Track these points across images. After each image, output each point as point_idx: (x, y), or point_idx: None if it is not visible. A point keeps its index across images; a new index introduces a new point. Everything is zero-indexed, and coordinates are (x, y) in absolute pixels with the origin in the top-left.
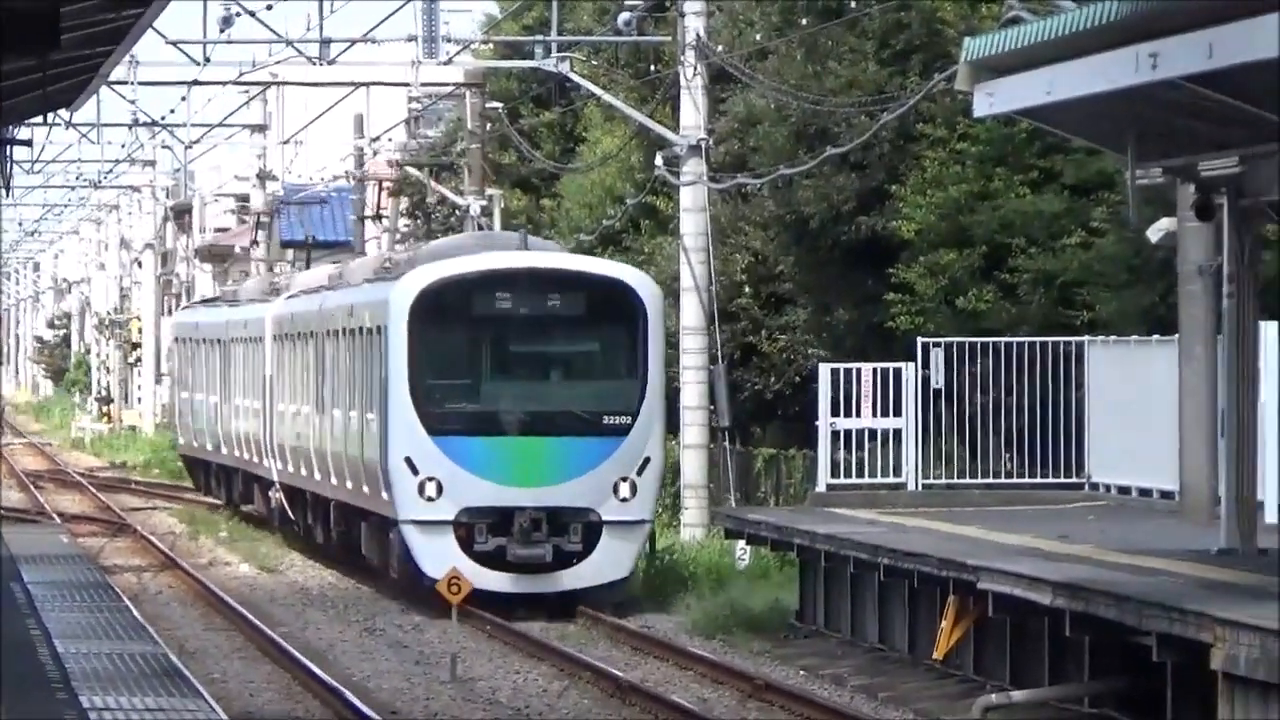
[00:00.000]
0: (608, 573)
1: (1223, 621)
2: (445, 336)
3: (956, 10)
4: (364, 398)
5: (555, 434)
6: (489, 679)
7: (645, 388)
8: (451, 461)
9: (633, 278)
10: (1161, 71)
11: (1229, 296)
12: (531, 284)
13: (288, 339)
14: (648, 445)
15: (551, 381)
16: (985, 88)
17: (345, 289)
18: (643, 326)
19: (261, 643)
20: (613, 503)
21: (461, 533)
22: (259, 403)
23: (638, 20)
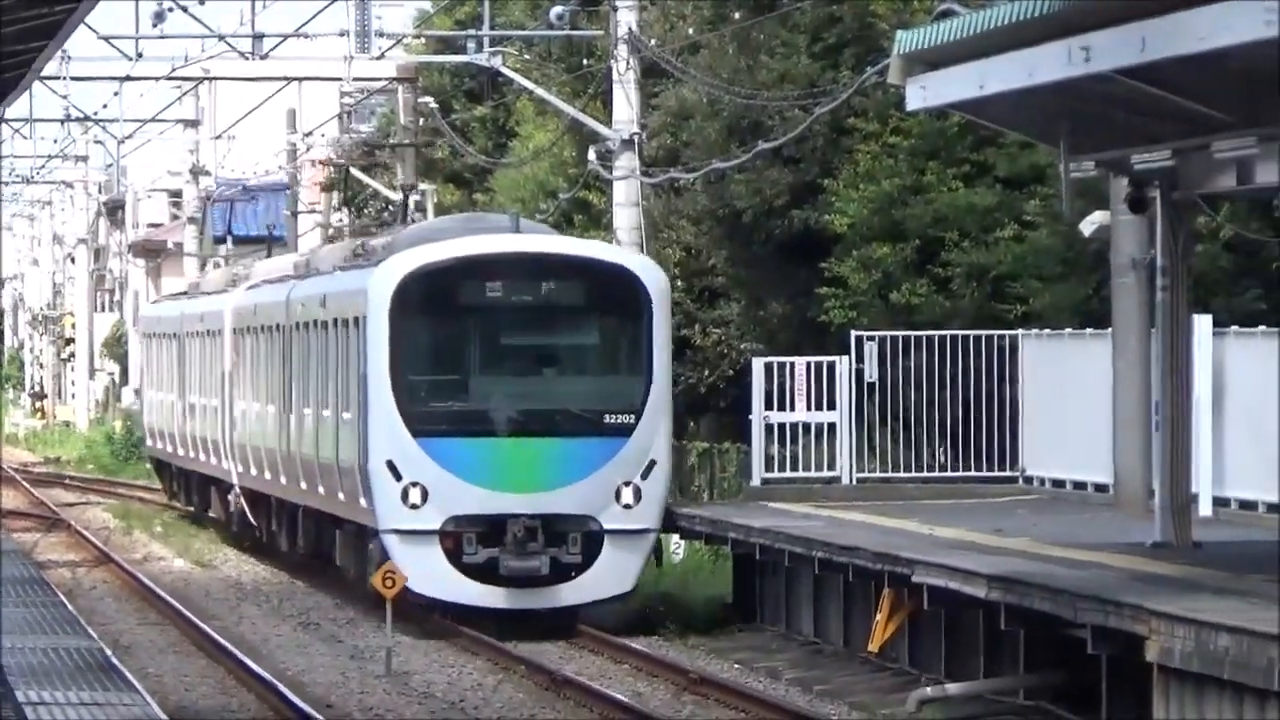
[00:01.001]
0: (610, 586)
1: (1158, 614)
2: (430, 328)
3: (889, 4)
4: (339, 395)
5: (551, 435)
6: (424, 673)
7: (650, 384)
8: (437, 465)
9: (636, 263)
10: (1094, 65)
11: (1162, 289)
12: (524, 270)
13: (249, 332)
14: (653, 447)
15: (547, 377)
16: (918, 81)
17: (316, 278)
18: (647, 317)
19: (196, 637)
20: (615, 510)
21: (449, 543)
22: (217, 401)
23: (570, 14)
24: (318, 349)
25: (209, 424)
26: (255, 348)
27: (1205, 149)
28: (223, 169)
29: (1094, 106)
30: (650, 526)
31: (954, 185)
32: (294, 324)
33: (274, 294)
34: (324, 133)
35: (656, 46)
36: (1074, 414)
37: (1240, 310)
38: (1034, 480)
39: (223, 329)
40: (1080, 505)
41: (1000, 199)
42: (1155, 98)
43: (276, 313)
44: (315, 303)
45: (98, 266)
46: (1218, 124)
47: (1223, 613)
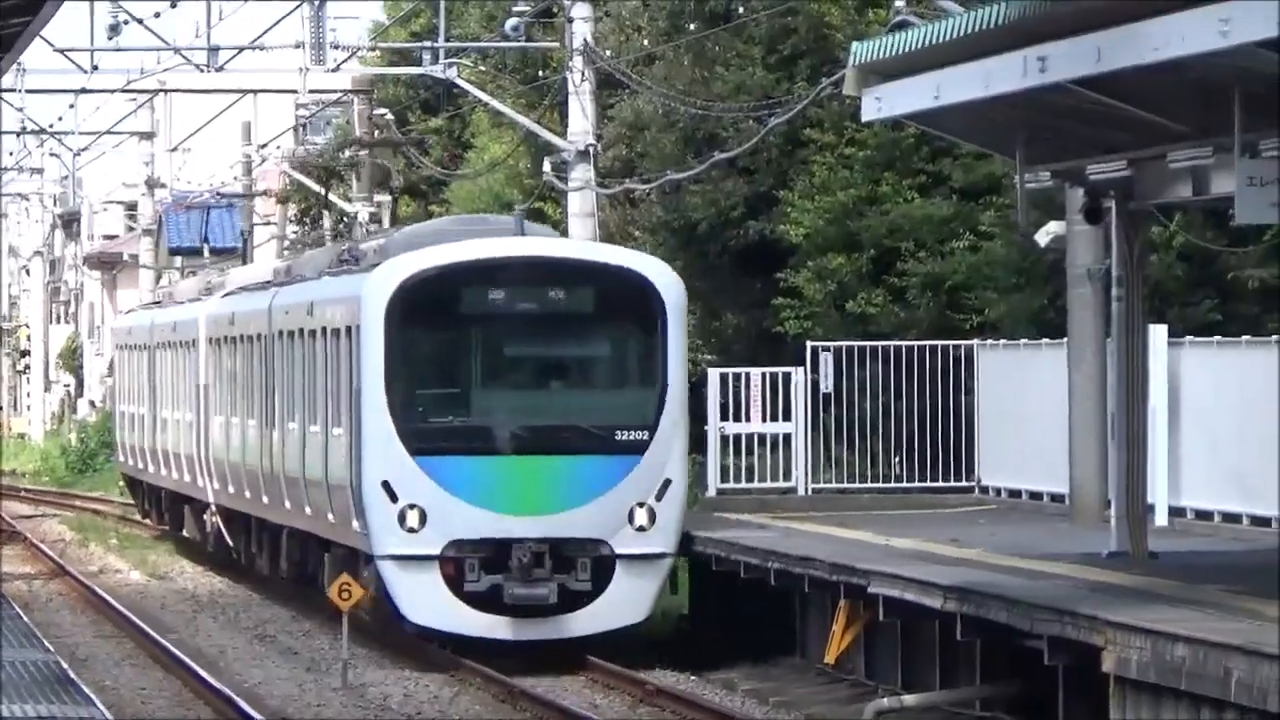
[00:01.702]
0: (622, 615)
1: (1114, 625)
2: (429, 338)
3: (844, 15)
4: (328, 410)
5: (559, 452)
6: (380, 685)
7: (665, 397)
8: (437, 485)
9: (651, 268)
10: (1050, 75)
11: (1118, 300)
12: (530, 275)
13: (227, 342)
14: (668, 465)
15: (554, 390)
16: (873, 92)
17: (301, 284)
18: (662, 325)
19: (152, 649)
20: (628, 533)
21: (449, 570)
22: (191, 414)
23: (525, 26)
24: (304, 360)
25: (183, 439)
26: (233, 358)
27: (1161, 159)
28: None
29: (1050, 117)
30: (666, 550)
31: (909, 196)
32: (276, 333)
33: (254, 301)
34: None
35: (612, 58)
36: (1030, 424)
37: (1195, 320)
38: (990, 490)
39: (197, 339)
40: (1036, 515)
41: (956, 210)
42: (1111, 108)
43: (257, 321)
44: (301, 310)
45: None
46: (1173, 134)
47: (1179, 623)
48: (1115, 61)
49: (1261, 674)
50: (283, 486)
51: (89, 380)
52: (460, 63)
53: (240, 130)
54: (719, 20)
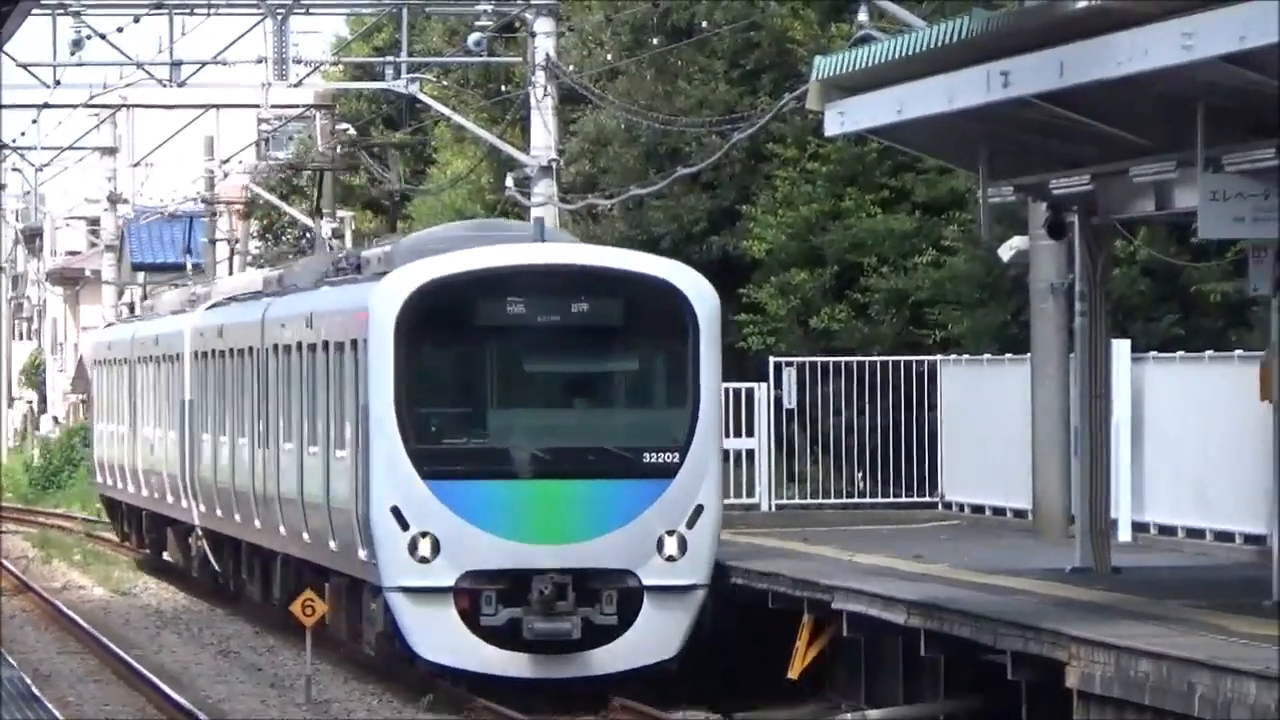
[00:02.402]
0: (651, 652)
1: (1077, 640)
2: (442, 352)
3: (806, 30)
4: (330, 430)
5: (583, 476)
6: (344, 701)
7: (697, 417)
8: (451, 512)
9: (682, 277)
10: (1013, 90)
11: (1081, 315)
12: (552, 285)
13: (215, 356)
14: (700, 490)
15: (578, 410)
16: (836, 107)
17: (297, 294)
18: (693, 338)
19: (116, 666)
20: (656, 563)
21: (464, 603)
22: (175, 432)
23: (488, 41)
24: (302, 376)
25: (166, 458)
26: (222, 373)
27: (1124, 174)
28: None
29: (1013, 131)
30: (698, 582)
31: (872, 211)
32: (270, 347)
33: (244, 313)
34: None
35: (574, 73)
36: (993, 439)
37: (1158, 335)
38: (953, 506)
39: (182, 353)
40: (1000, 530)
41: (919, 224)
42: (1074, 123)
43: (248, 334)
44: (299, 322)
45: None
46: (1136, 148)
47: (1142, 638)
48: (1078, 76)
49: (1225, 689)
50: (278, 511)
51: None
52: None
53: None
54: (681, 35)
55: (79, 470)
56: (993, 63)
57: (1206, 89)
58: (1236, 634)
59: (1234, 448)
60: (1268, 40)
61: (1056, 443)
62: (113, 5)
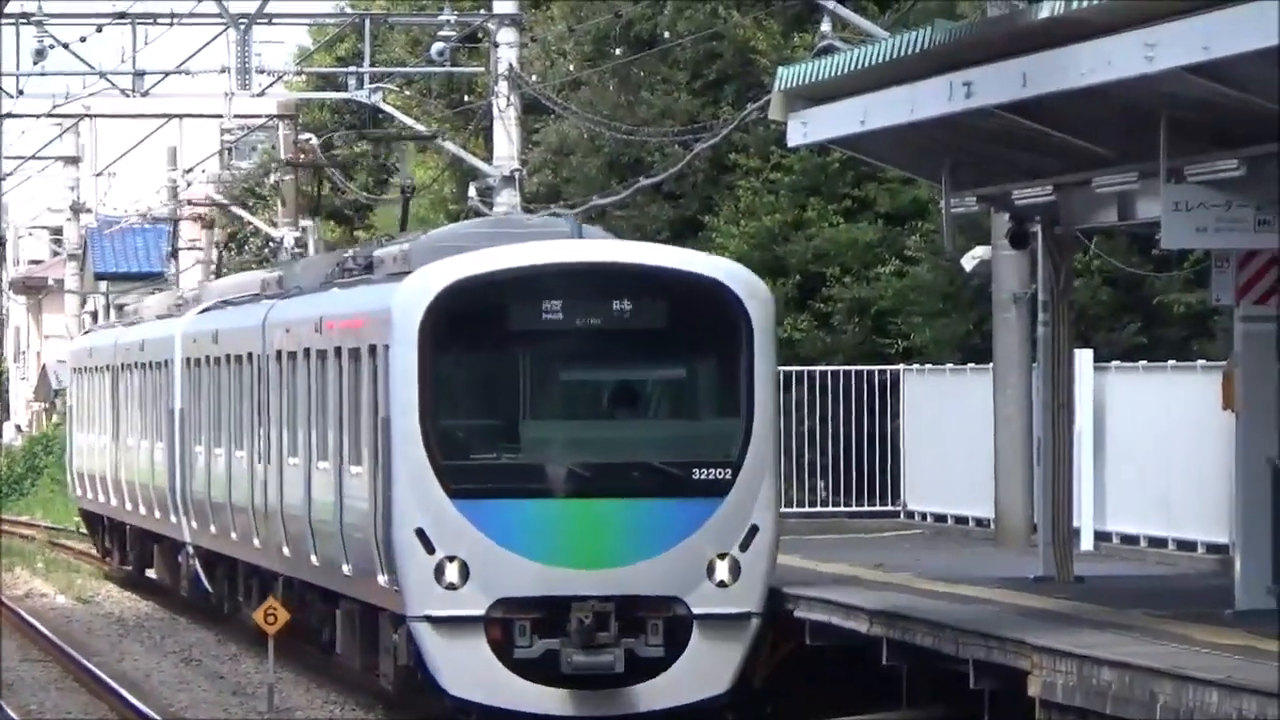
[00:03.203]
0: (700, 687)
1: (1040, 649)
2: (472, 359)
3: (769, 40)
4: (344, 443)
5: (626, 495)
6: (306, 709)
7: (751, 429)
8: (481, 534)
9: (735, 276)
10: (975, 100)
11: (1043, 324)
12: (592, 285)
13: (209, 363)
14: (755, 509)
15: (620, 422)
16: (798, 117)
17: (302, 297)
18: (747, 343)
19: (78, 673)
20: (707, 589)
21: (496, 633)
22: (164, 443)
23: (450, 51)
24: (311, 384)
25: (154, 471)
26: (217, 381)
27: (1086, 184)
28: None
29: (975, 142)
30: (751, 610)
31: (835, 221)
32: (274, 353)
33: (243, 317)
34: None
35: (537, 83)
36: (955, 449)
37: (1121, 345)
38: (916, 515)
39: (171, 359)
40: (962, 540)
41: (882, 234)
42: (1036, 133)
43: (247, 340)
44: (306, 327)
45: None
46: (1099, 159)
47: (1105, 647)
48: (1041, 86)
49: (1188, 698)
50: (281, 530)
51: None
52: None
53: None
54: (644, 45)
55: (42, 478)
56: (955, 73)
57: (1169, 100)
58: (1199, 643)
59: (1196, 457)
60: (1230, 51)
61: (1019, 452)
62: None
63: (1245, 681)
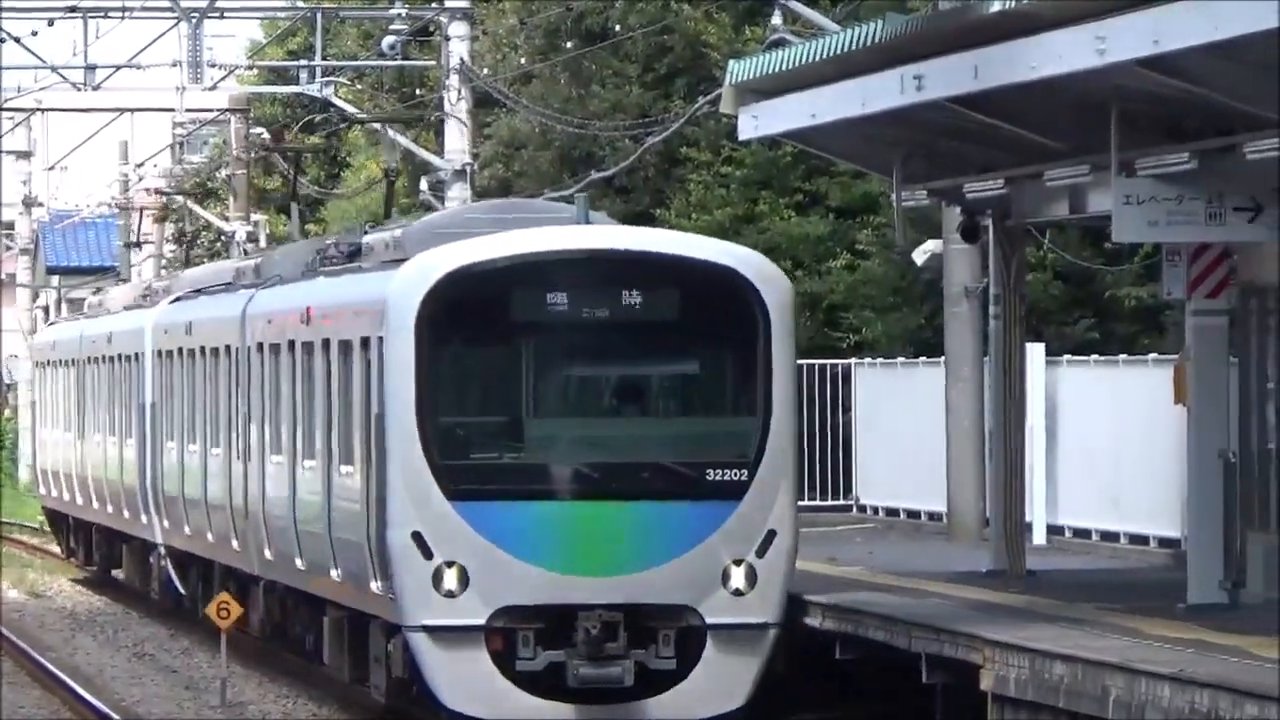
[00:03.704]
0: (715, 702)
1: (992, 643)
2: (472, 352)
3: (720, 34)
4: (333, 442)
5: (636, 497)
6: (259, 703)
7: (769, 427)
8: (481, 538)
9: (750, 264)
10: (926, 93)
11: (995, 318)
12: (600, 273)
13: (182, 356)
14: (772, 512)
15: (630, 419)
16: (750, 110)
17: (285, 286)
18: (764, 336)
19: (31, 668)
20: (721, 598)
21: (498, 644)
22: (132, 440)
23: (401, 45)
24: (295, 378)
25: (123, 468)
26: (191, 375)
27: (1038, 178)
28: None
29: (926, 135)
30: (769, 620)
31: (786, 214)
32: (255, 345)
33: (219, 307)
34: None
35: (488, 76)
36: (907, 443)
37: (1072, 339)
38: (868, 508)
39: (142, 352)
40: (914, 534)
41: (833, 228)
42: (988, 126)
43: (225, 331)
44: (290, 318)
45: None
46: (1050, 152)
47: (1056, 641)
48: (992, 80)
49: (1139, 691)
50: (263, 532)
51: None
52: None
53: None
54: (595, 38)
55: None
56: (906, 66)
57: (1120, 93)
58: (1150, 636)
59: (1147, 451)
60: (1181, 44)
61: (971, 446)
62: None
63: (1197, 675)
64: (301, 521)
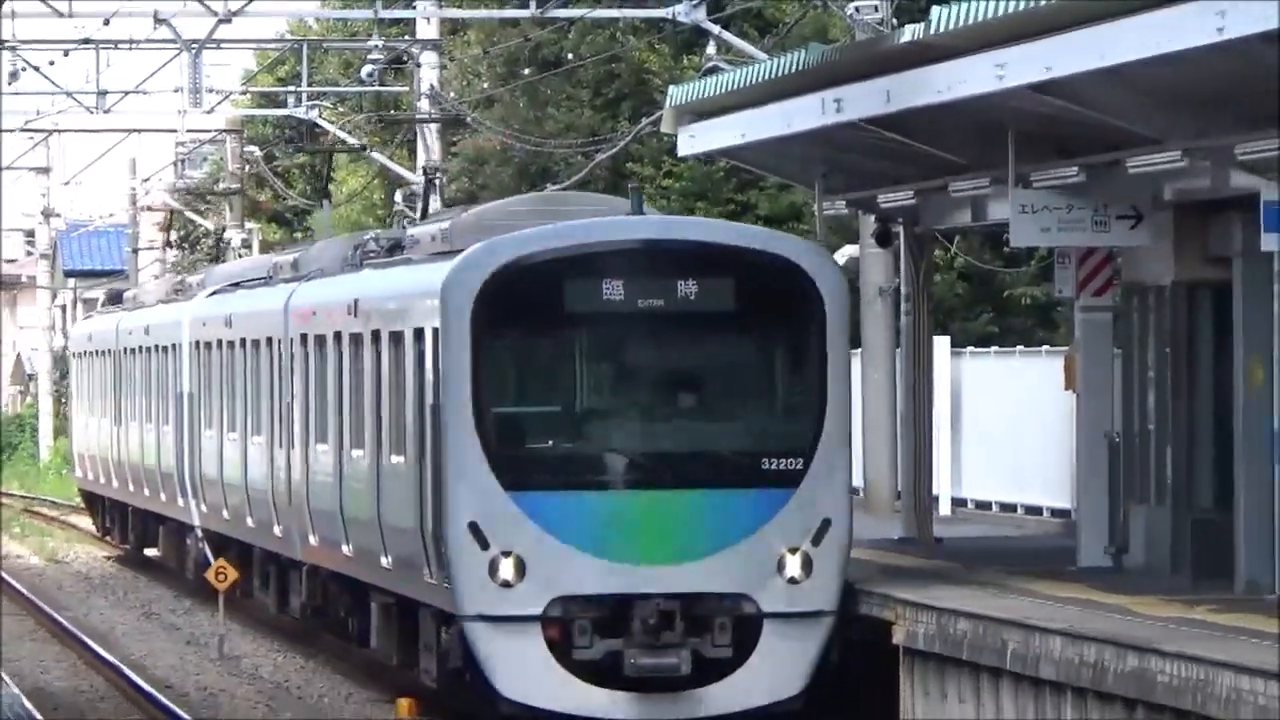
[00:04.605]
0: (771, 689)
1: (903, 602)
2: (529, 343)
3: (662, 62)
4: (384, 432)
5: (692, 486)
6: (252, 657)
7: (824, 417)
8: (538, 528)
9: (807, 256)
10: (845, 115)
11: (906, 314)
12: (656, 264)
13: (221, 347)
14: (828, 501)
15: (686, 410)
16: (688, 130)
17: (328, 280)
18: (820, 326)
19: (50, 626)
20: (777, 586)
21: (554, 633)
22: (170, 426)
23: (379, 72)
24: (342, 369)
25: (159, 454)
26: (230, 365)
27: (944, 189)
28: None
29: (845, 152)
30: (824, 608)
31: None
32: (298, 337)
33: (261, 300)
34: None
35: (455, 100)
36: None
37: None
38: None
39: (179, 343)
40: None
41: None
42: (899, 144)
43: (267, 323)
44: (336, 310)
45: None
46: (954, 167)
47: (960, 600)
48: (903, 102)
49: (1034, 645)
50: (307, 519)
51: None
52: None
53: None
54: (550, 66)
55: (17, 453)
56: (826, 91)
57: (1016, 114)
58: (1044, 596)
59: (1042, 432)
60: (1070, 71)
61: (884, 428)
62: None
63: (1085, 630)
64: (349, 509)
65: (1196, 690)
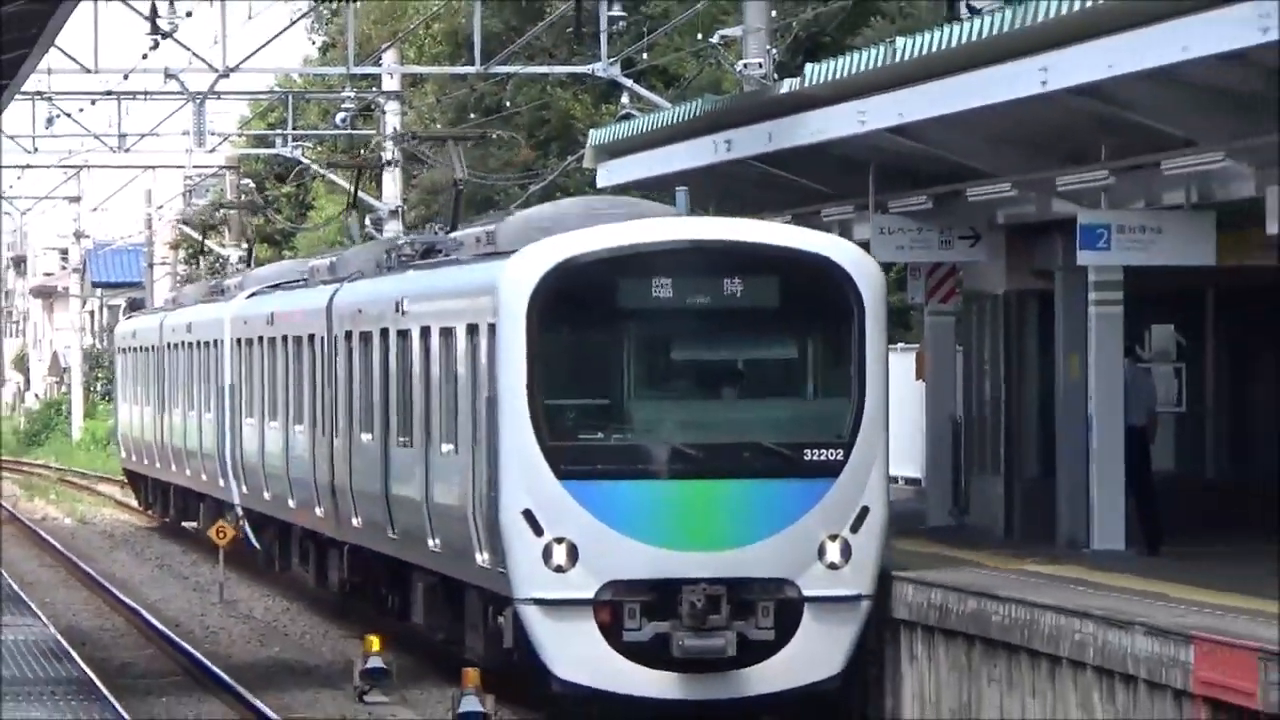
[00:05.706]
0: (811, 670)
1: None
2: (581, 338)
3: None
4: (435, 423)
5: (737, 475)
6: (248, 601)
7: (863, 409)
8: (590, 515)
9: (845, 253)
10: (734, 153)
11: None
12: (702, 263)
13: (262, 343)
14: (866, 490)
15: (731, 402)
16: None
17: (373, 280)
18: (859, 322)
19: (80, 575)
20: (818, 571)
21: (605, 616)
22: (211, 414)
23: (351, 118)
24: (389, 363)
25: (200, 439)
26: (272, 360)
27: (817, 214)
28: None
29: (735, 184)
30: (862, 592)
31: None
32: (342, 334)
33: (303, 300)
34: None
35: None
36: None
37: None
38: None
39: (221, 339)
40: None
41: None
42: (779, 177)
43: (310, 321)
44: (384, 307)
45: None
46: (825, 196)
47: None
48: (782, 142)
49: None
50: (350, 502)
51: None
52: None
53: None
54: (493, 111)
55: (53, 433)
56: (719, 133)
57: (875, 152)
58: (901, 551)
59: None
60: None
61: None
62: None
63: (934, 580)
64: (395, 494)
65: (1024, 628)
